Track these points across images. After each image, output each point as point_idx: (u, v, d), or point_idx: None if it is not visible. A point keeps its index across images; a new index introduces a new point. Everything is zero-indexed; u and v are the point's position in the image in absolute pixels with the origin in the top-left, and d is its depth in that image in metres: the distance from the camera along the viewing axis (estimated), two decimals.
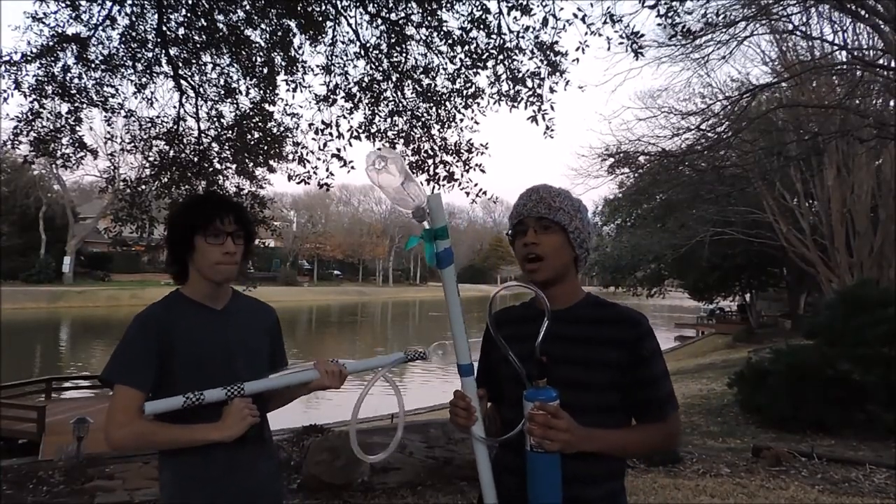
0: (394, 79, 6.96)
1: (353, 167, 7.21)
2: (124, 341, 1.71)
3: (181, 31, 6.79)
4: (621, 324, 1.49)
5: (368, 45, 6.94)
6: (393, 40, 6.81)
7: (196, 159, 7.24)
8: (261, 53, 6.93)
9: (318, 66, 7.05)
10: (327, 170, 7.15)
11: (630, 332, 1.48)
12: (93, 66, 6.47)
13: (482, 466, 1.48)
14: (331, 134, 6.99)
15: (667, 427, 1.51)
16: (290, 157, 7.27)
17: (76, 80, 6.43)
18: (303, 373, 1.73)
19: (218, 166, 7.36)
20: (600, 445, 1.42)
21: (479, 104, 6.88)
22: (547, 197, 1.53)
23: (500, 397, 1.59)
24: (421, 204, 1.45)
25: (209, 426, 1.65)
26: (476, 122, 7.02)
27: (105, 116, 6.84)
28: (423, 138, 7.12)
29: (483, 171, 7.12)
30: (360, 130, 6.99)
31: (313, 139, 7.08)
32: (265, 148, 7.22)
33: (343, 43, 7.00)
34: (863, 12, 9.03)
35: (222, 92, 7.14)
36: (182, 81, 7.11)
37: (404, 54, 6.87)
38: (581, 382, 1.45)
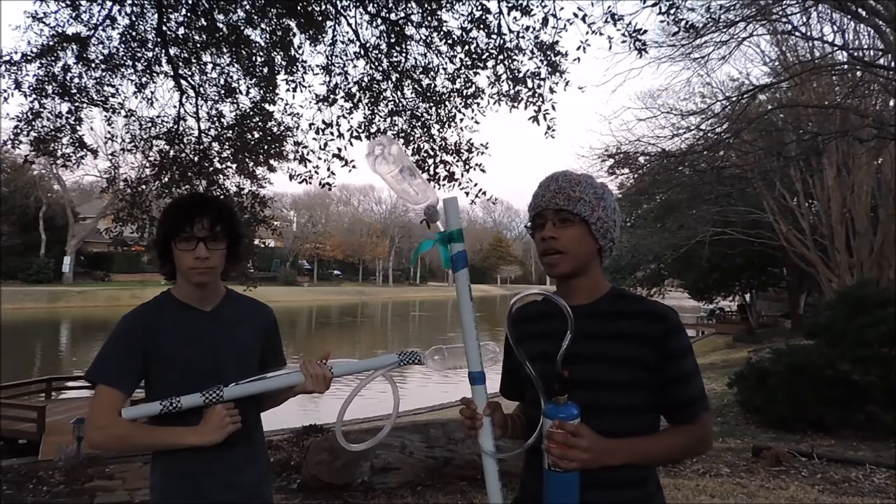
0: (393, 79, 6.97)
1: (353, 166, 7.23)
2: (109, 341, 1.70)
3: (181, 30, 6.79)
4: (647, 318, 1.38)
5: (368, 44, 6.95)
6: (393, 40, 6.82)
7: (196, 159, 7.25)
8: (261, 53, 6.94)
9: (318, 65, 7.08)
10: (328, 169, 7.18)
11: (657, 328, 1.36)
12: (93, 65, 6.48)
13: (489, 479, 1.41)
14: (331, 133, 7.00)
15: (697, 430, 1.41)
16: (291, 156, 7.30)
17: (76, 80, 6.43)
18: (285, 377, 1.68)
19: (218, 166, 7.37)
20: (624, 458, 1.32)
21: (478, 104, 6.89)
22: (566, 186, 1.42)
23: (524, 397, 1.54)
24: (432, 203, 1.39)
25: (189, 430, 1.63)
26: (476, 122, 7.04)
27: (105, 116, 6.85)
28: (423, 138, 7.13)
29: (483, 170, 7.13)
30: (360, 130, 7.00)
31: (314, 139, 7.11)
32: (265, 147, 7.23)
33: (343, 43, 7.02)
34: (863, 12, 9.03)
35: (222, 92, 7.14)
36: (182, 81, 7.11)
37: (404, 54, 6.88)
38: (602, 381, 1.36)
